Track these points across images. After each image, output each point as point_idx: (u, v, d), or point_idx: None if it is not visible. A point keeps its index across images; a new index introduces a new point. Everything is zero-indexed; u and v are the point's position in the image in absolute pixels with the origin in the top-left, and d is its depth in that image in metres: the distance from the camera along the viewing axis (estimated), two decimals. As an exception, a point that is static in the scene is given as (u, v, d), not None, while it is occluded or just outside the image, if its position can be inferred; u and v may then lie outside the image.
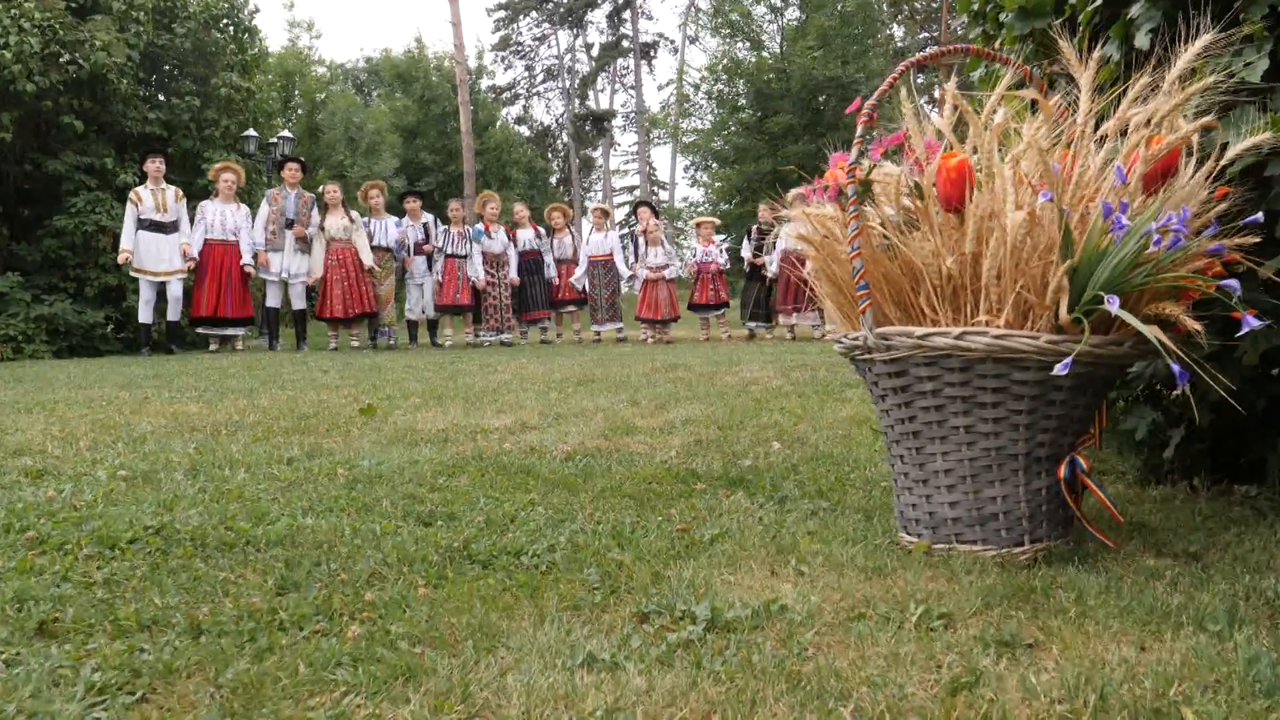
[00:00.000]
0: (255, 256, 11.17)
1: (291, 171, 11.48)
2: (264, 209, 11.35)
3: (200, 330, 11.31)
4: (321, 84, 25.48)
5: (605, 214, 13.60)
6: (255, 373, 7.54)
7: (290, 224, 11.28)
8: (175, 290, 10.92)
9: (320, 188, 12.05)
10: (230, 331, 11.35)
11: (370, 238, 11.62)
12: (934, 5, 45.23)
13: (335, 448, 3.62)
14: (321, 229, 11.45)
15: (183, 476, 2.94)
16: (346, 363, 8.67)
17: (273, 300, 11.56)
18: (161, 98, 12.99)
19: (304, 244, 11.38)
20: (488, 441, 3.77)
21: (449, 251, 12.09)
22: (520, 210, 13.38)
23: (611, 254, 12.91)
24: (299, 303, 11.61)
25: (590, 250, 12.95)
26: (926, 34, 45.58)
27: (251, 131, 13.87)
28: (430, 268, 12.08)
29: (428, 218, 12.27)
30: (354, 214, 11.64)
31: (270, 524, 2.23)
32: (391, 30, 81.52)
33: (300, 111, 24.02)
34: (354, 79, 40.39)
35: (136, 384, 6.55)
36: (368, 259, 11.42)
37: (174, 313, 11.00)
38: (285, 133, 15.79)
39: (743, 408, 4.81)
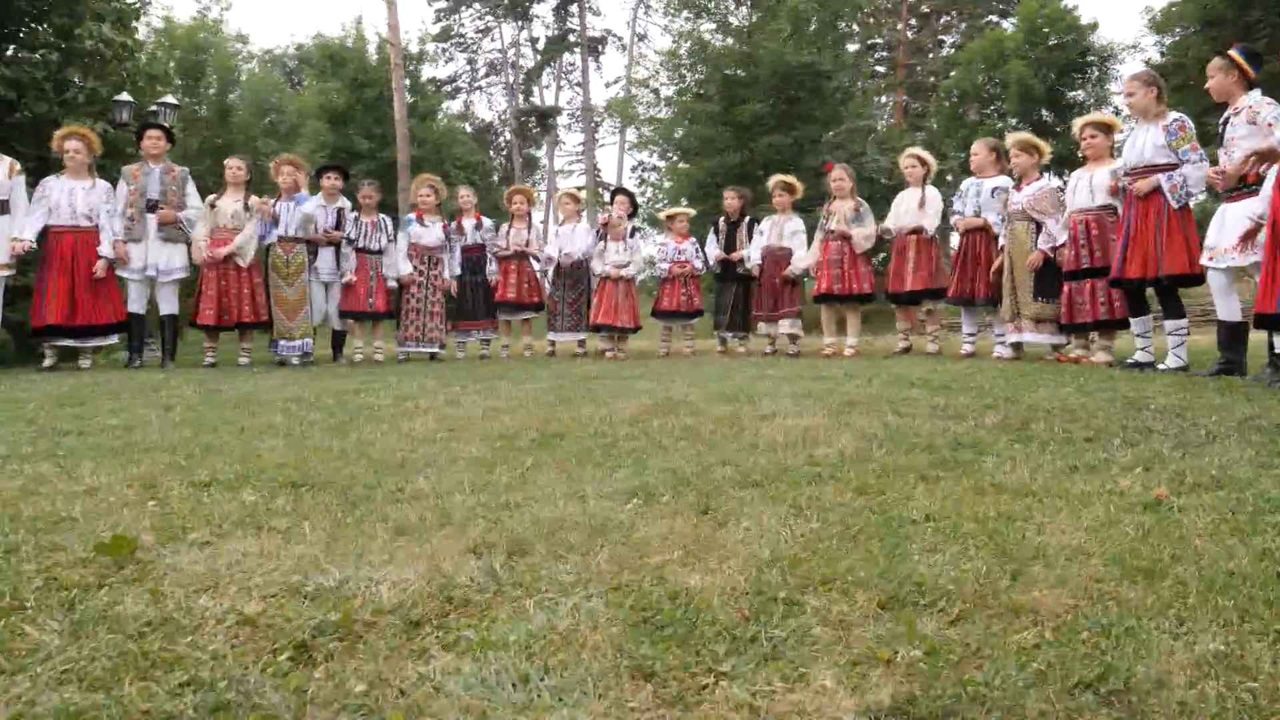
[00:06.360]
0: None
1: (153, 141, 8.99)
2: (121, 189, 8.86)
3: (46, 343, 8.79)
4: (233, 59, 22.73)
5: (575, 199, 11.25)
6: (65, 409, 5.14)
7: (153, 206, 8.80)
8: None
9: (227, 160, 9.57)
10: (95, 342, 8.86)
11: (275, 221, 9.18)
12: (887, 5, 43.62)
13: None
14: (211, 206, 9.04)
15: None
16: (211, 392, 6.26)
17: (136, 304, 9.03)
18: (10, 50, 10.39)
19: (175, 230, 8.91)
20: (359, 698, 1.46)
21: (360, 245, 9.71)
22: (466, 196, 11.00)
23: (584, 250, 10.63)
24: (167, 306, 9.13)
25: (560, 243, 10.65)
26: (880, 39, 43.94)
27: (126, 95, 11.25)
28: (339, 264, 9.67)
29: (345, 201, 9.86)
30: (254, 199, 9.22)
31: None
32: (325, 15, 77.45)
33: (212, 91, 21.37)
34: (283, 66, 37.76)
35: None
36: (235, 243, 8.98)
37: None
38: (169, 98, 13.15)
39: (852, 515, 2.57)
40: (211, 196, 9.18)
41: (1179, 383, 5.90)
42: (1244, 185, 6.40)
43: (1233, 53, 6.64)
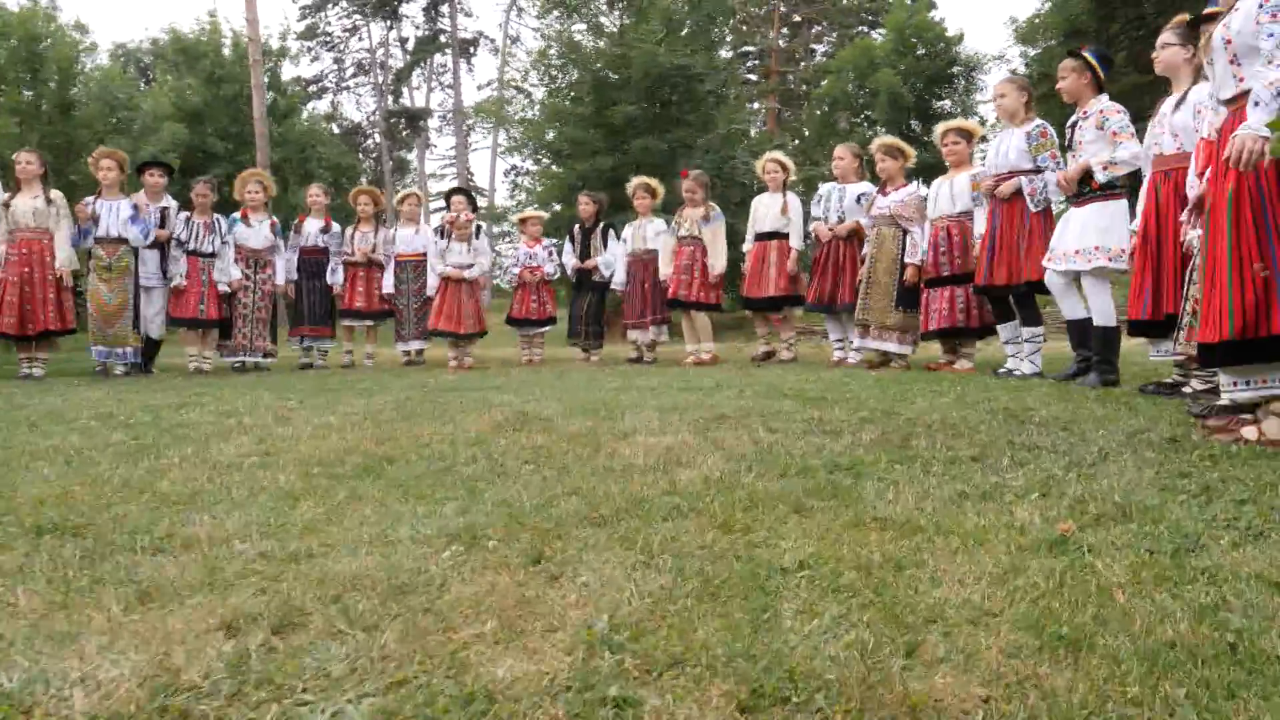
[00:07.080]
0: None
1: None
2: None
3: None
4: (74, 50, 21.34)
5: (419, 201, 10.68)
6: None
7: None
8: None
9: (15, 155, 8.66)
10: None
11: (95, 223, 8.42)
12: (759, 12, 43.81)
13: None
14: (5, 206, 8.19)
15: None
16: (16, 408, 5.54)
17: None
18: None
19: None
20: None
21: (191, 248, 8.97)
22: (315, 194, 10.32)
23: (424, 253, 10.01)
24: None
25: (400, 248, 10.06)
26: (751, 46, 44.09)
27: (-63, 83, 10.28)
28: (164, 270, 8.91)
29: (170, 201, 9.10)
30: (55, 193, 8.41)
31: None
32: (179, 6, 73.74)
33: (52, 85, 20.06)
34: (137, 61, 36.09)
35: None
36: (61, 256, 8.23)
37: None
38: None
39: (713, 562, 2.17)
40: (4, 196, 8.30)
41: (1058, 392, 5.66)
42: (1087, 191, 6.26)
43: (1086, 54, 6.49)
